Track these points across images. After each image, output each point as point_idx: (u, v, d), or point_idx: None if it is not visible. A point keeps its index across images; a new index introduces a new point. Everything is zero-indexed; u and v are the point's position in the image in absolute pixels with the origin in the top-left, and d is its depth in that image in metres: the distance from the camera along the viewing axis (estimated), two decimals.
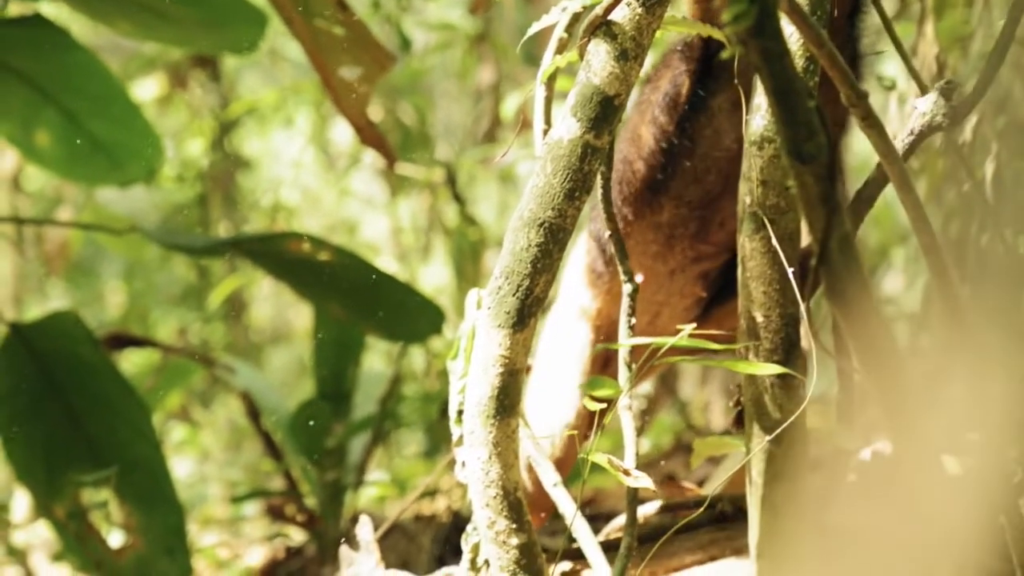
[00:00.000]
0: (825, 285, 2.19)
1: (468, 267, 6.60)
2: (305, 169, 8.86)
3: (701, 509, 3.56)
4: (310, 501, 5.74)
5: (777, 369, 2.94)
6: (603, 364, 3.90)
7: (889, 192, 3.00)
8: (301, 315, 10.77)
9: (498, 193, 7.99)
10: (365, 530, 3.94)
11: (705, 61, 3.49)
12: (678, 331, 2.90)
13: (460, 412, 3.73)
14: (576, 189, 3.02)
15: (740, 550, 3.65)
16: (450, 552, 4.88)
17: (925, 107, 2.98)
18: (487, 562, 3.54)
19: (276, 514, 5.74)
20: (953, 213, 6.04)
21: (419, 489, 5.00)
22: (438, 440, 6.45)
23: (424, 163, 7.24)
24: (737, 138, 3.44)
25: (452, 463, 3.89)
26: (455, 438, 3.77)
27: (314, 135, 8.54)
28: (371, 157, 8.00)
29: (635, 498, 3.25)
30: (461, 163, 7.15)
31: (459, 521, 5.06)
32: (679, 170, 3.51)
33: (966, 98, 2.96)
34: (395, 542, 4.77)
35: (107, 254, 10.42)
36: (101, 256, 10.45)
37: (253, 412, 6.00)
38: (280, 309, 11.00)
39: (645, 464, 3.58)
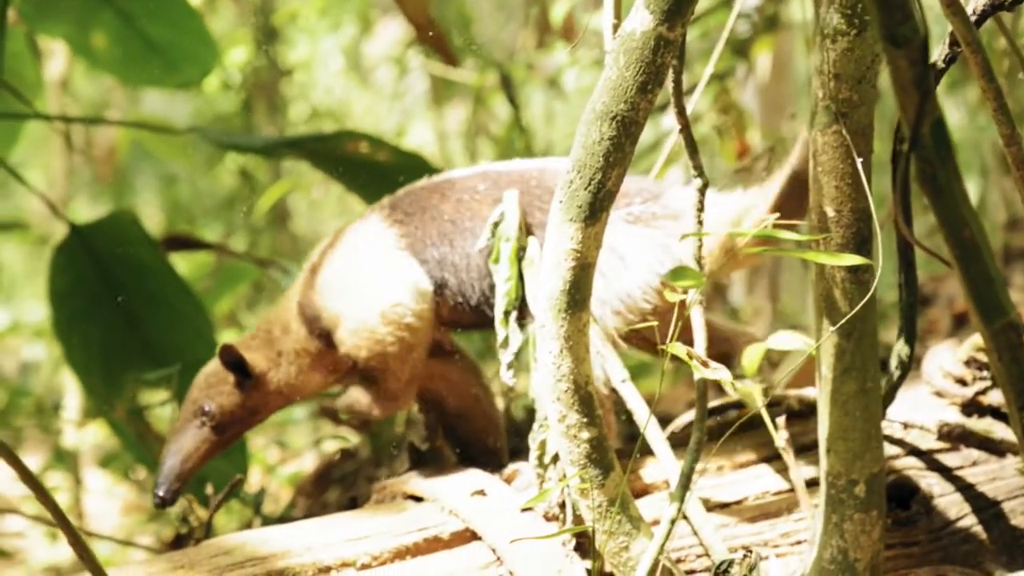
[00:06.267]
0: (917, 170, 2.18)
1: None
2: (349, 77, 8.84)
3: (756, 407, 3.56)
4: None
5: (850, 260, 2.93)
6: None
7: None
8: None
9: (544, 100, 7.95)
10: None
11: None
12: None
13: (507, 313, 3.76)
14: (649, 82, 3.01)
15: (807, 446, 3.67)
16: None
17: None
18: (555, 458, 3.56)
19: (330, 416, 5.74)
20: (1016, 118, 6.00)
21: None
22: (491, 343, 6.44)
23: (474, 68, 7.20)
24: None
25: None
26: (499, 340, 3.80)
27: (352, 46, 8.51)
28: (417, 63, 7.96)
29: (705, 392, 3.26)
30: (512, 68, 7.10)
31: (512, 423, 5.06)
32: None
33: None
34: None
35: (142, 167, 10.44)
36: (136, 169, 10.48)
37: None
38: (315, 224, 11.01)
39: None
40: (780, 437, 3.62)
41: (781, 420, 3.63)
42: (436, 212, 3.90)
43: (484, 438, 4.13)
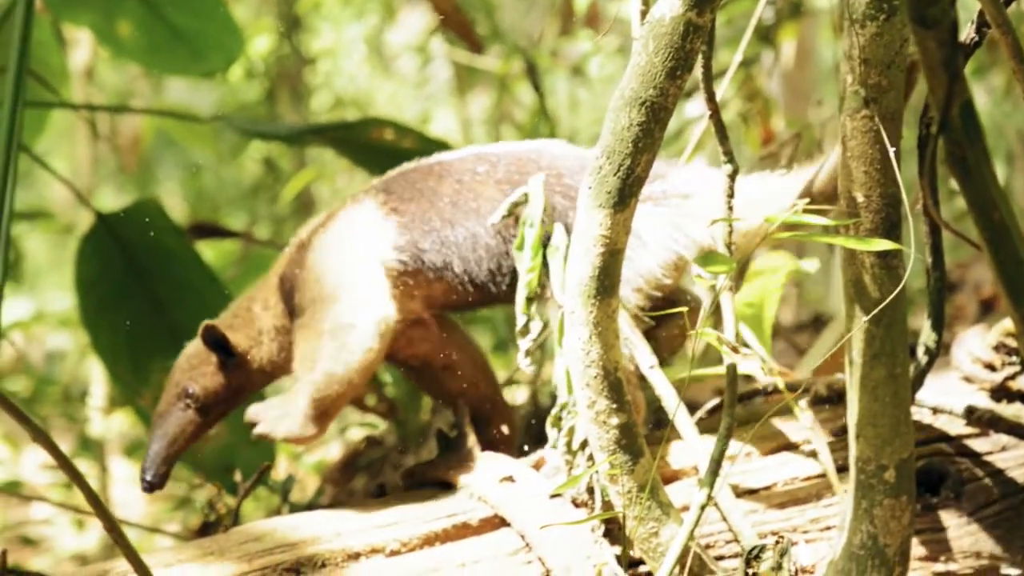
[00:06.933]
0: (946, 152, 2.17)
1: None
2: (373, 65, 8.84)
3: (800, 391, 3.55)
4: (391, 391, 5.76)
5: (880, 245, 2.92)
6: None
7: None
8: None
9: (569, 88, 7.94)
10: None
11: None
12: None
13: (529, 299, 3.74)
14: (678, 68, 3.00)
15: (837, 432, 3.66)
16: (530, 440, 4.89)
17: None
18: (583, 444, 3.56)
19: (357, 404, 5.75)
20: None
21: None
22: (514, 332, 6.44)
23: (498, 55, 7.20)
24: None
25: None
26: (519, 326, 3.79)
27: (374, 35, 8.51)
28: (441, 51, 7.96)
29: (735, 379, 3.25)
30: (536, 55, 7.10)
31: (538, 410, 5.06)
32: None
33: None
34: (475, 430, 4.79)
35: (166, 156, 10.45)
36: (160, 157, 10.49)
37: None
38: None
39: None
40: (806, 419, 3.63)
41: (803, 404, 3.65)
42: (434, 196, 3.86)
43: (482, 389, 4.12)
